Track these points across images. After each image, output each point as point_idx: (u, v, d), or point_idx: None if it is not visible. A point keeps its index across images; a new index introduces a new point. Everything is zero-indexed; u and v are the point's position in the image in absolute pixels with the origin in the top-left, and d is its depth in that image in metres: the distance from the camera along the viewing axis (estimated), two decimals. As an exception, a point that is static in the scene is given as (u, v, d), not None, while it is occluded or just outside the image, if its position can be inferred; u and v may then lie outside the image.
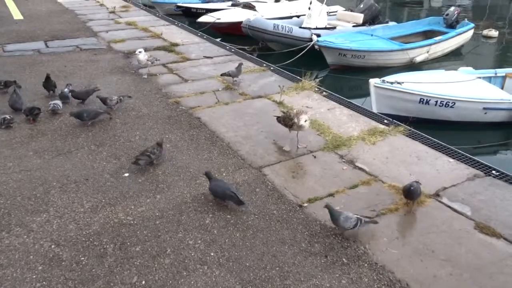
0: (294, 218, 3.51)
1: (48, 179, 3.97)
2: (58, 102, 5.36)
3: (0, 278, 2.86)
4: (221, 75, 6.55)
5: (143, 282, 2.85)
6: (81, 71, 6.96)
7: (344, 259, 3.07)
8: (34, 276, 2.88)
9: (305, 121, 4.32)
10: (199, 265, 2.99)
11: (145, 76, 6.76)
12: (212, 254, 3.09)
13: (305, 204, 3.67)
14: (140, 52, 6.81)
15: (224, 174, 4.11)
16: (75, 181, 3.94)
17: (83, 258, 3.04)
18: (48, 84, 5.87)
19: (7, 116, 4.95)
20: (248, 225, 3.40)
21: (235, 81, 6.49)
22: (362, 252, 3.14)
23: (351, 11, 13.87)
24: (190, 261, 3.03)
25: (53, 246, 3.14)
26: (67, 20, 10.89)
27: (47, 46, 8.48)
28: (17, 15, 11.40)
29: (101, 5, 13.21)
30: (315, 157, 4.44)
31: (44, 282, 2.83)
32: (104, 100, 5.36)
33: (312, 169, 4.21)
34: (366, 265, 3.02)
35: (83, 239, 3.22)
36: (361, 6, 13.37)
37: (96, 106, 5.44)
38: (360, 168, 4.23)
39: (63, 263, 3.00)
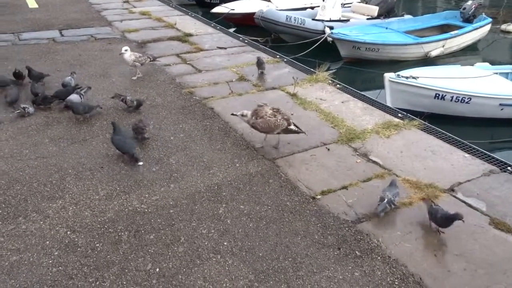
0: (307, 210, 3.51)
1: (63, 166, 4.01)
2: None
3: (17, 262, 2.91)
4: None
5: (157, 270, 2.88)
6: (95, 60, 7.00)
7: (357, 251, 3.07)
8: (50, 261, 2.93)
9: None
10: (213, 254, 3.01)
11: (134, 78, 6.23)
12: (225, 243, 3.11)
13: (318, 196, 3.67)
14: (126, 50, 6.06)
15: (237, 164, 4.11)
16: (90, 169, 3.98)
17: (98, 245, 3.08)
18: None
19: (28, 107, 4.96)
20: (261, 215, 3.41)
21: (262, 73, 6.47)
22: (375, 245, 3.13)
23: (366, 3, 13.71)
24: (204, 250, 3.05)
25: (68, 232, 3.19)
26: (81, 9, 10.93)
27: (62, 35, 8.52)
28: (32, 3, 11.46)
29: (115, -6, 13.22)
30: (328, 149, 4.42)
31: (60, 267, 2.88)
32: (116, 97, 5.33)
33: (326, 162, 4.19)
34: (379, 258, 3.01)
35: (98, 226, 3.26)
36: (376, -2, 13.21)
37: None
38: (374, 162, 4.21)
39: (78, 249, 3.04)
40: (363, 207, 3.53)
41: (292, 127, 4.28)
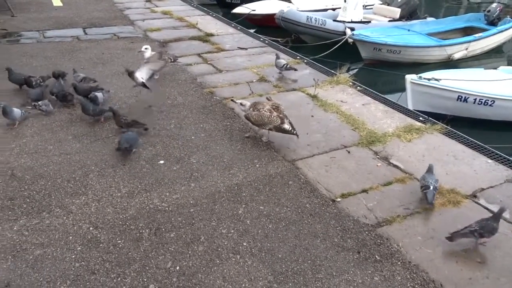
0: (327, 212, 3.50)
1: (86, 163, 4.09)
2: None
3: (41, 256, 2.98)
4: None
5: (177, 268, 2.91)
6: (118, 58, 7.10)
7: (377, 256, 3.05)
8: (73, 256, 2.99)
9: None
10: (232, 254, 3.03)
11: (156, 77, 6.08)
12: (244, 244, 3.13)
13: (338, 199, 3.65)
14: (146, 49, 6.12)
15: (257, 165, 4.12)
16: (112, 166, 4.05)
17: (119, 241, 3.13)
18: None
19: (41, 105, 5.02)
20: (280, 217, 3.42)
21: (281, 73, 6.48)
22: (396, 250, 3.10)
23: (388, 5, 13.56)
24: (223, 250, 3.07)
25: (91, 228, 3.25)
26: (104, 8, 11.09)
27: (86, 33, 8.67)
28: (56, 1, 11.67)
29: (138, -7, 13.39)
30: (349, 152, 4.40)
31: (82, 262, 2.93)
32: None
33: (346, 164, 4.17)
34: (399, 263, 2.99)
35: (120, 222, 3.31)
36: (399, 0, 13.05)
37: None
38: (395, 165, 4.17)
39: (100, 245, 3.09)
40: (384, 211, 3.51)
41: (286, 126, 4.34)
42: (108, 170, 3.98)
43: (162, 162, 4.14)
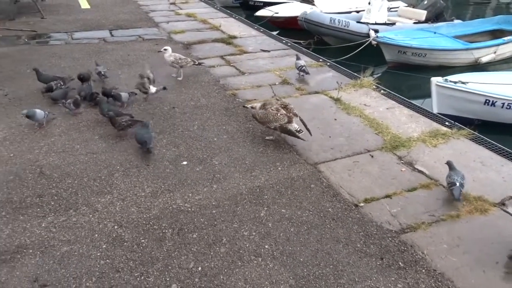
0: (349, 217, 3.47)
1: (112, 163, 4.16)
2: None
3: (68, 252, 3.05)
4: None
5: (199, 268, 2.93)
6: (143, 60, 7.20)
7: (400, 263, 3.01)
8: (98, 254, 3.05)
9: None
10: (254, 257, 3.04)
11: (180, 78, 6.37)
12: (266, 246, 3.13)
13: (361, 204, 3.62)
14: (165, 50, 6.25)
15: (279, 168, 4.12)
16: (137, 166, 4.11)
17: (143, 240, 3.17)
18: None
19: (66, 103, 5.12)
20: (302, 220, 3.41)
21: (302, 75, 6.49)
22: (420, 257, 3.05)
23: (414, 7, 13.37)
24: (245, 252, 3.08)
25: (116, 227, 3.31)
26: (130, 10, 11.29)
27: (112, 35, 8.84)
28: (84, 4, 11.95)
29: (163, -4, 13.58)
30: (372, 156, 4.35)
31: (107, 260, 2.99)
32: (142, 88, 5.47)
33: (369, 169, 4.13)
34: (423, 271, 2.94)
35: (144, 222, 3.36)
36: (425, 2, 12.83)
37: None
38: (420, 171, 4.10)
39: (125, 243, 3.15)
40: (408, 218, 3.46)
41: (292, 127, 4.30)
42: (132, 170, 4.05)
43: (185, 163, 4.18)
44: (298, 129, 4.33)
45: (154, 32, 9.10)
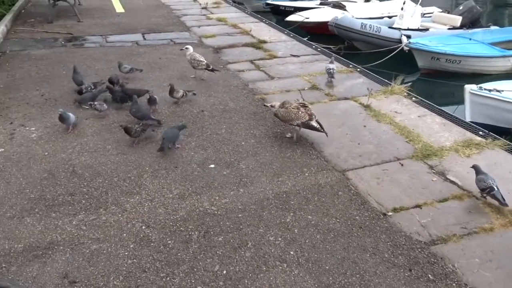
0: (377, 226, 3.40)
1: (141, 164, 4.24)
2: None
3: (97, 250, 3.12)
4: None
5: (224, 272, 2.94)
6: (174, 63, 7.32)
7: (430, 275, 2.93)
8: (126, 253, 3.10)
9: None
10: (279, 262, 3.02)
11: (203, 78, 6.54)
12: (291, 252, 3.11)
13: (390, 213, 3.55)
14: (186, 48, 6.45)
15: (306, 174, 4.10)
16: (165, 168, 4.17)
17: (170, 242, 3.21)
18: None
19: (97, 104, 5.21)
20: (329, 228, 3.37)
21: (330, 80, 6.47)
22: (451, 270, 2.96)
23: (448, 13, 13.08)
24: (270, 257, 3.07)
25: (143, 227, 3.36)
26: (163, 14, 11.50)
27: (145, 38, 9.02)
28: (119, 8, 12.25)
29: (195, 0, 13.74)
30: (402, 165, 4.26)
31: (134, 260, 3.04)
32: (171, 92, 5.54)
33: (399, 177, 4.05)
34: (454, 284, 2.85)
35: (171, 223, 3.40)
36: (460, 8, 12.56)
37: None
38: (452, 181, 3.99)
39: (152, 244, 3.19)
40: (438, 229, 3.36)
41: (314, 123, 4.47)
42: (161, 171, 4.11)
43: (212, 166, 4.21)
44: (317, 126, 4.54)
45: (186, 36, 9.23)
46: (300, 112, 4.50)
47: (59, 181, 3.94)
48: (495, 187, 3.51)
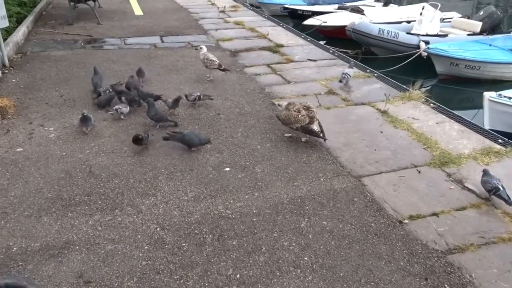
0: (393, 233, 3.36)
1: (157, 166, 4.27)
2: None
3: (112, 251, 3.14)
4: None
5: (238, 276, 2.93)
6: (191, 66, 7.37)
7: (446, 285, 2.87)
8: (140, 254, 3.12)
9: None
10: (292, 268, 3.00)
11: (211, 78, 6.68)
12: (306, 258, 3.09)
13: (406, 221, 3.50)
14: (200, 48, 6.62)
15: (322, 179, 4.07)
16: (181, 170, 4.19)
17: (184, 244, 3.22)
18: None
19: (120, 107, 5.27)
20: (344, 234, 3.34)
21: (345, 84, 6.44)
22: (468, 281, 2.91)
23: (469, 18, 12.89)
24: (284, 262, 3.05)
25: (158, 229, 3.38)
26: (181, 17, 11.60)
27: (162, 41, 9.11)
28: (138, 11, 12.40)
29: (213, 4, 13.85)
30: (419, 172, 4.21)
31: (149, 261, 3.05)
32: (185, 95, 5.59)
33: (416, 185, 3.99)
34: (471, 295, 2.79)
35: (185, 226, 3.41)
36: (481, 13, 12.36)
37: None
38: (470, 190, 3.92)
39: (166, 246, 3.20)
40: (456, 238, 3.30)
41: (314, 127, 4.47)
42: (176, 174, 4.13)
43: (228, 169, 4.22)
44: (317, 131, 4.54)
45: (203, 39, 9.29)
46: (300, 116, 4.49)
47: (76, 181, 3.99)
48: (500, 187, 3.52)
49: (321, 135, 4.53)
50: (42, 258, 3.07)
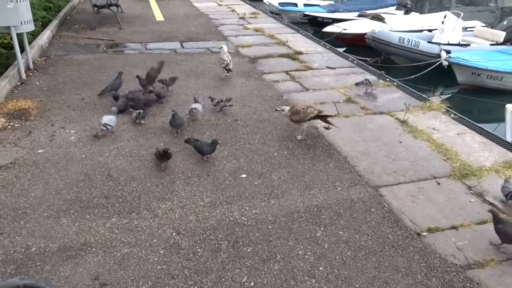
0: (411, 246, 3.30)
1: (174, 170, 4.29)
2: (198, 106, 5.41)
3: (128, 255, 3.17)
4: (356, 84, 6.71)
5: (252, 284, 2.92)
6: (210, 72, 7.42)
7: (465, 301, 2.81)
8: (156, 259, 3.14)
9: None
10: (307, 277, 2.98)
11: (225, 75, 7.05)
12: (321, 268, 3.06)
13: (424, 233, 3.44)
14: (221, 48, 7.07)
15: (338, 188, 4.04)
16: (197, 175, 4.21)
17: (199, 250, 3.22)
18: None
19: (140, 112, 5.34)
20: (360, 245, 3.30)
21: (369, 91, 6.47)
22: (487, 297, 2.84)
23: (492, 27, 12.68)
24: (299, 271, 3.03)
25: (174, 234, 3.39)
26: (201, 24, 11.71)
27: (182, 47, 9.20)
28: (159, 16, 12.57)
29: (233, 10, 13.95)
30: (438, 183, 4.14)
31: (164, 266, 3.06)
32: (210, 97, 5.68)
33: (435, 196, 3.92)
34: (491, 312, 2.72)
35: (201, 231, 3.42)
36: (504, 22, 12.15)
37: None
38: (491, 203, 3.83)
39: (181, 251, 3.21)
40: (475, 252, 3.23)
41: (323, 112, 4.87)
42: (193, 179, 4.15)
43: (244, 176, 4.22)
44: (328, 115, 4.92)
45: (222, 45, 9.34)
46: (308, 110, 4.83)
47: (94, 183, 4.05)
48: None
49: (329, 119, 4.87)
50: (60, 259, 3.11)
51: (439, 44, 11.34)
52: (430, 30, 12.97)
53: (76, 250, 3.20)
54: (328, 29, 13.62)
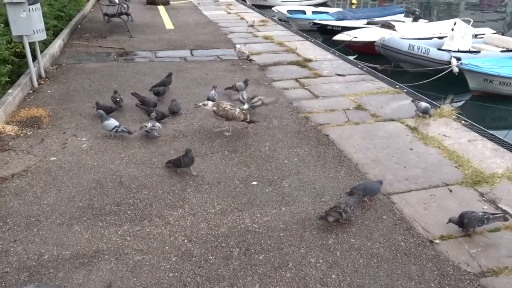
0: (423, 254, 3.28)
1: (185, 178, 4.31)
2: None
3: (140, 262, 3.18)
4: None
5: (264, 291, 2.92)
6: (220, 79, 7.46)
7: (480, 310, 2.77)
8: (167, 266, 3.15)
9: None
10: (320, 285, 2.96)
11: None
12: (333, 276, 3.05)
13: (437, 241, 3.41)
14: (239, 46, 7.99)
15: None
16: (208, 183, 4.22)
17: (211, 257, 3.23)
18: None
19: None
20: (372, 252, 3.28)
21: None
22: (503, 306, 2.80)
23: (503, 34, 12.61)
24: (311, 279, 3.02)
25: (185, 241, 3.40)
26: (210, 31, 11.79)
27: (192, 55, 9.28)
28: (169, 25, 12.70)
29: (242, 18, 14.04)
30: (450, 190, 4.11)
31: (176, 273, 3.07)
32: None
33: (447, 204, 3.89)
34: (506, 322, 2.68)
35: (212, 239, 3.43)
36: (515, 29, 12.07)
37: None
38: (504, 211, 3.79)
39: (193, 258, 3.22)
40: (489, 260, 3.20)
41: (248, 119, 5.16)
42: (204, 186, 4.17)
43: (255, 183, 4.23)
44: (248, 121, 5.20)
45: (232, 53, 9.38)
46: (237, 113, 5.05)
47: (106, 191, 4.08)
48: None
49: (247, 121, 5.16)
50: (73, 266, 3.13)
51: (449, 51, 11.29)
52: (440, 38, 12.92)
53: (88, 257, 3.22)
54: (338, 37, 13.65)
